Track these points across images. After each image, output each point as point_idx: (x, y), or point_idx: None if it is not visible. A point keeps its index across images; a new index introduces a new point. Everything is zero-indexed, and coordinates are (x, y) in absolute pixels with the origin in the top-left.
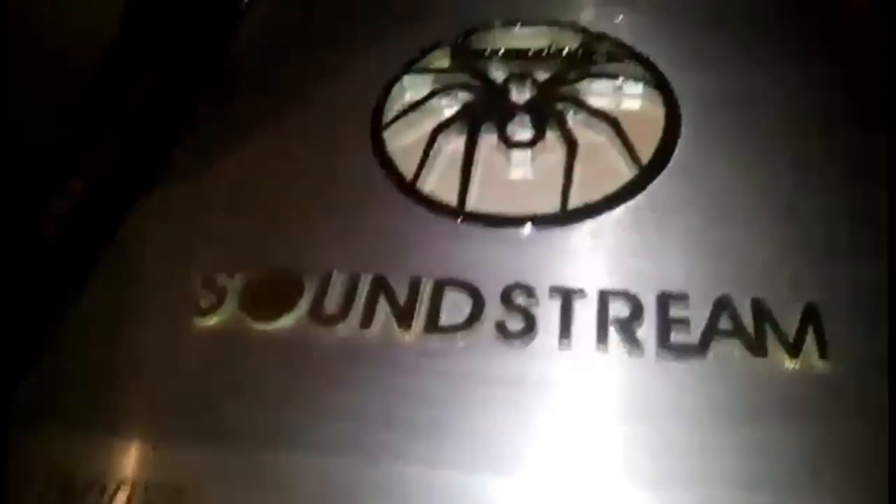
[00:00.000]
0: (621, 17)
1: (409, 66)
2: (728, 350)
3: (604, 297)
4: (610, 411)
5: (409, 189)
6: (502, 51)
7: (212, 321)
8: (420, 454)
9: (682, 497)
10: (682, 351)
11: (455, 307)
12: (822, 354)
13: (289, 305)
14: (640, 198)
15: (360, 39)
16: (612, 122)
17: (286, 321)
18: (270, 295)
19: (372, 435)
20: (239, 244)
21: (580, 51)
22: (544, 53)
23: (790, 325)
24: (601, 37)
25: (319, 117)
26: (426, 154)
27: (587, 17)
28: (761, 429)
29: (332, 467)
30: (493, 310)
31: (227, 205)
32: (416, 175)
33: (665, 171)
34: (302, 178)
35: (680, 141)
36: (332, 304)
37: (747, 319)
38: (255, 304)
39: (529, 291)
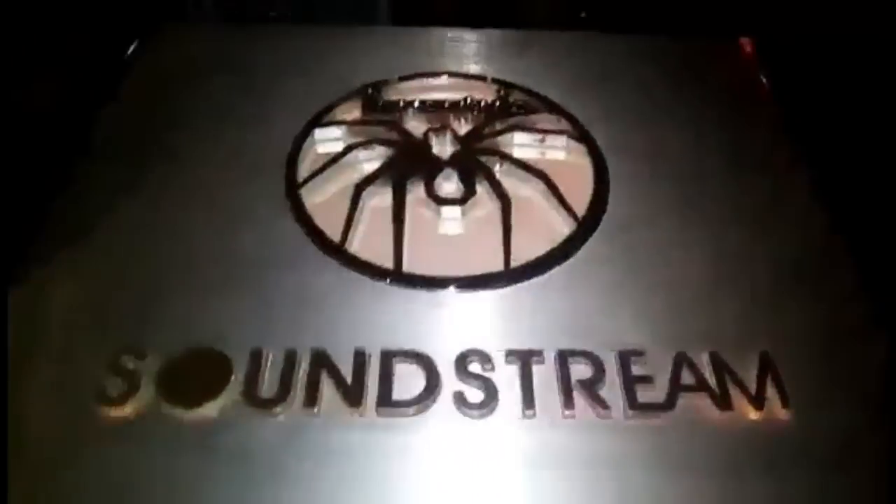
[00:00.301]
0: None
1: (319, 119)
2: (695, 405)
3: (562, 358)
4: (584, 475)
5: (337, 251)
6: (417, 102)
7: (123, 411)
8: None
9: None
10: (650, 409)
11: (408, 380)
12: (784, 404)
13: (216, 389)
14: (580, 253)
15: (262, 95)
16: (541, 175)
17: (213, 407)
18: (193, 378)
19: None
20: (149, 321)
21: (497, 102)
22: (461, 105)
23: (750, 377)
24: (515, 87)
25: (225, 176)
26: (352, 212)
27: (497, 68)
28: (734, 481)
29: None
30: (449, 379)
31: (123, 277)
32: (344, 235)
33: (601, 226)
34: (215, 244)
35: (611, 193)
36: (267, 384)
37: (708, 373)
38: (174, 389)
39: (485, 357)
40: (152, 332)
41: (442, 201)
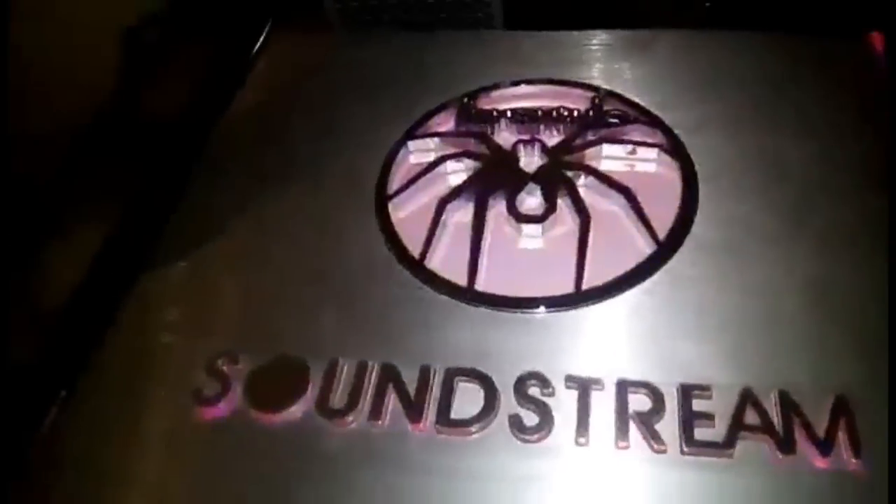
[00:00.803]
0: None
1: (414, 130)
2: (755, 447)
3: (622, 388)
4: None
5: (417, 266)
6: (509, 112)
7: (216, 410)
8: None
9: None
10: (707, 447)
11: (467, 398)
12: (856, 454)
13: (295, 395)
14: (657, 276)
15: (360, 105)
16: (623, 190)
17: (291, 412)
18: (276, 383)
19: None
20: (243, 329)
21: (590, 111)
22: (553, 114)
23: (820, 420)
24: (611, 94)
25: (319, 190)
26: (433, 227)
27: (595, 75)
28: None
29: None
30: (507, 401)
31: (225, 287)
32: (424, 251)
33: (683, 248)
34: (304, 256)
35: (698, 212)
36: (339, 394)
37: (774, 413)
38: (260, 393)
39: (544, 382)
40: (245, 339)
41: (523, 218)
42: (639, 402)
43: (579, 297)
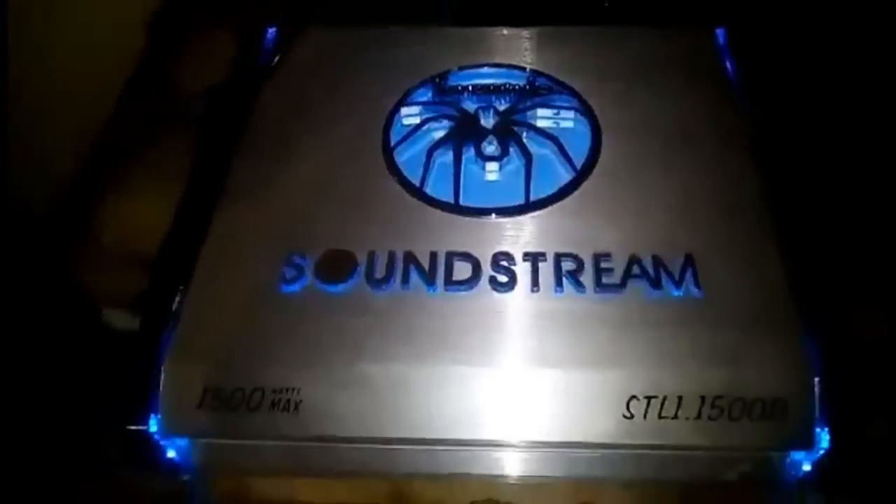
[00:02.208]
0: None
1: (404, 100)
2: (638, 286)
3: (558, 258)
4: (564, 324)
5: (418, 192)
6: (470, 87)
7: (295, 286)
8: (451, 357)
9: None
10: (609, 288)
11: (462, 269)
12: (696, 284)
13: (348, 273)
14: (576, 193)
15: (363, 85)
16: (554, 139)
17: (349, 285)
18: (335, 267)
19: (421, 347)
20: (307, 235)
21: (528, 86)
22: (502, 88)
23: (676, 269)
24: (541, 74)
25: (336, 147)
26: (427, 167)
27: (532, 59)
28: (660, 328)
29: (391, 372)
30: (487, 270)
31: (286, 211)
32: (422, 183)
33: (593, 174)
34: (338, 190)
35: (602, 152)
36: (378, 271)
37: (649, 267)
38: (326, 273)
39: (509, 257)
40: (309, 241)
41: (486, 158)
42: (568, 265)
43: (527, 207)
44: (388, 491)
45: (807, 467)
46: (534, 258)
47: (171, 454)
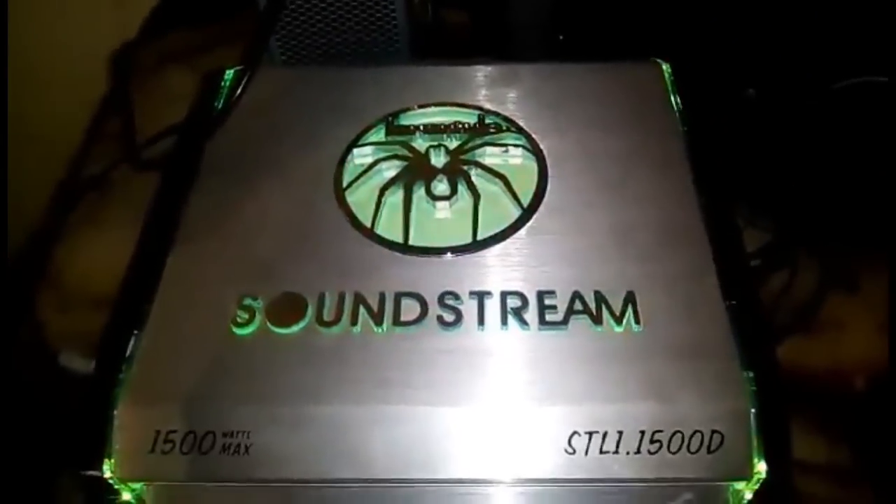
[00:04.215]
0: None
1: (356, 141)
2: (580, 323)
3: (503, 296)
4: (508, 360)
5: (369, 233)
6: (422, 126)
7: (246, 330)
8: (399, 395)
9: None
10: (553, 325)
11: (409, 308)
12: (637, 320)
13: (299, 316)
14: (523, 230)
15: (318, 126)
16: (501, 177)
17: (300, 327)
18: (285, 310)
19: (369, 387)
20: (258, 278)
21: (478, 125)
22: (452, 127)
23: (617, 304)
24: (490, 112)
25: (290, 188)
26: (377, 206)
27: (480, 99)
28: (601, 363)
29: (342, 412)
30: (434, 309)
31: (237, 253)
32: (372, 223)
33: (539, 211)
34: (290, 231)
35: (548, 189)
36: (327, 313)
37: (591, 303)
38: (276, 317)
39: (456, 296)
40: (261, 283)
41: (436, 198)
42: (513, 301)
43: (475, 246)
44: None
45: (748, 497)
46: (480, 296)
47: (125, 498)
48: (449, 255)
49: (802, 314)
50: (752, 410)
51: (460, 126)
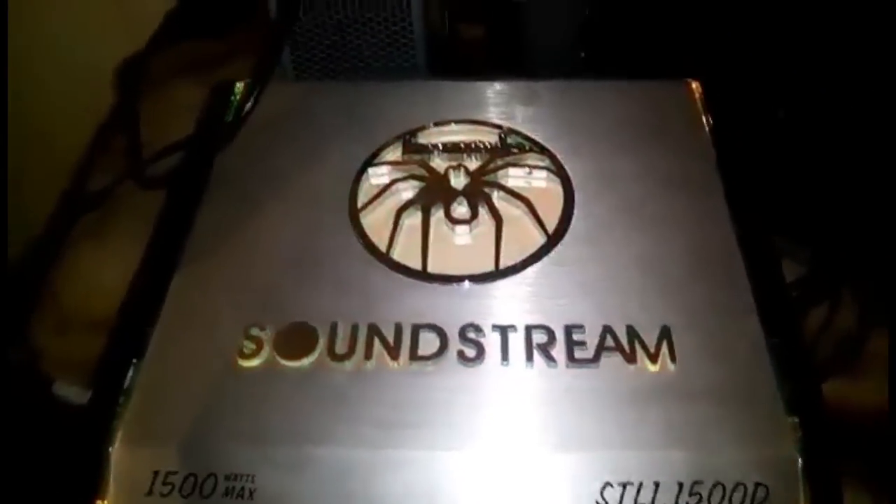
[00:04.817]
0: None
1: (372, 160)
2: (612, 360)
3: (528, 330)
4: (534, 401)
5: (384, 258)
6: (440, 145)
7: (252, 362)
8: (417, 438)
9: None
10: (582, 362)
11: (428, 342)
12: (672, 358)
13: (310, 348)
14: (547, 258)
15: (332, 143)
16: (525, 200)
17: (310, 360)
18: (294, 341)
19: (384, 428)
20: (266, 306)
21: (499, 144)
22: (472, 146)
23: (651, 341)
24: (512, 130)
25: (303, 209)
26: (394, 230)
27: (501, 116)
28: (634, 406)
29: (353, 456)
30: (454, 343)
31: (245, 278)
32: (388, 247)
33: (565, 238)
34: (302, 254)
35: (574, 214)
36: (339, 346)
37: (623, 339)
38: (285, 348)
39: (478, 329)
40: (269, 312)
41: (455, 222)
42: (539, 336)
43: (497, 274)
44: None
45: None
46: (503, 330)
47: None
48: (470, 283)
49: (846, 352)
50: (800, 460)
51: (481, 145)
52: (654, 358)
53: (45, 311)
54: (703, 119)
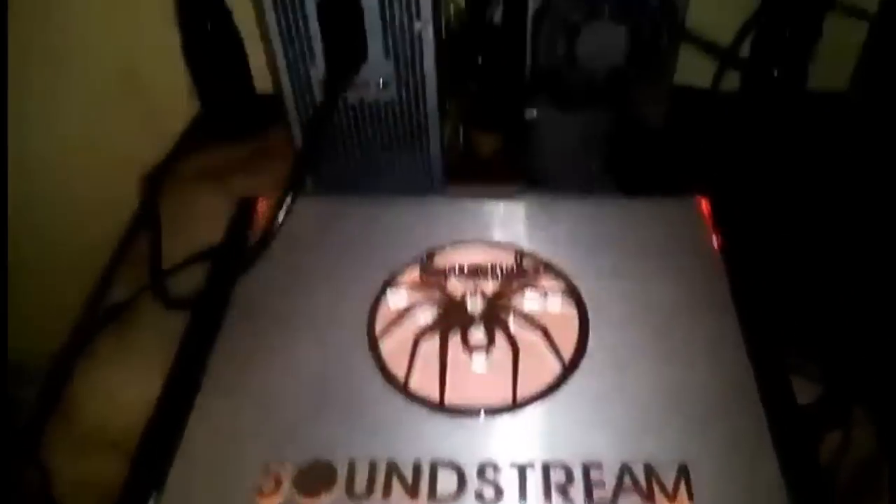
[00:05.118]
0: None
1: (389, 283)
2: (630, 500)
3: (546, 468)
4: None
5: (403, 389)
6: (457, 268)
7: (272, 500)
8: None
9: None
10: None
11: (447, 480)
12: (690, 496)
13: (329, 486)
14: (565, 389)
15: (347, 268)
16: (541, 327)
17: (330, 498)
18: (313, 479)
19: None
20: (287, 441)
21: (515, 267)
22: (488, 269)
23: (669, 480)
24: (528, 254)
25: (321, 333)
26: (412, 358)
27: (517, 235)
28: None
29: None
30: (472, 483)
31: (264, 412)
32: (407, 376)
33: (581, 367)
34: (318, 385)
35: (589, 342)
36: (358, 483)
37: (641, 478)
38: (304, 486)
39: (496, 467)
40: (288, 447)
41: (472, 349)
42: (557, 475)
43: (515, 407)
44: None
45: None
46: (521, 469)
47: None
48: (487, 416)
49: (864, 478)
50: None
51: (497, 267)
52: (672, 497)
53: (63, 427)
54: (713, 237)
